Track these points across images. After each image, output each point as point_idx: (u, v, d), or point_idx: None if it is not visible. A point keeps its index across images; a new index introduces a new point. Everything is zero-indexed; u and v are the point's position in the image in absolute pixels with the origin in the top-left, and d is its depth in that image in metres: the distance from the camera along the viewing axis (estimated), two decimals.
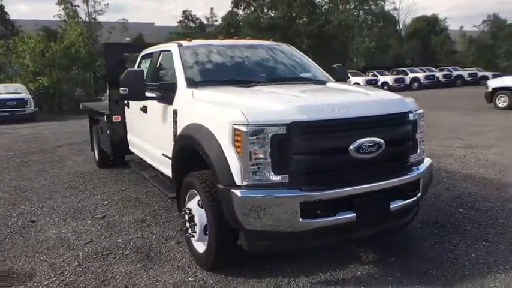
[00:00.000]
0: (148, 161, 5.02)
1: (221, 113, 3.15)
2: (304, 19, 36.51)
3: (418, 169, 3.45)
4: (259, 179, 2.94)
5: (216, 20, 41.53)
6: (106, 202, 5.45)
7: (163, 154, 4.34)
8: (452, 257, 3.55)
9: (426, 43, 49.86)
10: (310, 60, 4.97)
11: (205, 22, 41.30)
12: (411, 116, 3.43)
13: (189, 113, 3.64)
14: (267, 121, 2.92)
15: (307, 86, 4.17)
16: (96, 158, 7.74)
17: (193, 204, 3.49)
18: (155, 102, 4.33)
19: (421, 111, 3.59)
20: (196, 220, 3.40)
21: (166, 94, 4.09)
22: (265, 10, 37.46)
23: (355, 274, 3.33)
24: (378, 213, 3.20)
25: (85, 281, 3.34)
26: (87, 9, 34.22)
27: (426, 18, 51.79)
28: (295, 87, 3.97)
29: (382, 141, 3.10)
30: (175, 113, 3.91)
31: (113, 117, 6.05)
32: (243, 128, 2.90)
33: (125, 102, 5.78)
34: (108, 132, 6.35)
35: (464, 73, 37.68)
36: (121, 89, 4.15)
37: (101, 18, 35.01)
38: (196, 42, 4.65)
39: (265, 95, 3.54)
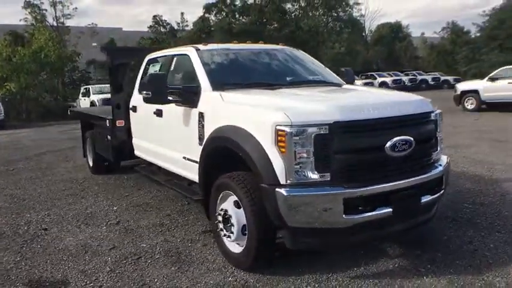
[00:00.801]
0: (163, 165, 5.00)
1: (262, 114, 3.22)
2: (276, 25, 36.95)
3: (441, 165, 3.65)
4: (302, 177, 3.03)
5: (187, 25, 41.34)
6: (115, 208, 5.39)
7: (184, 157, 4.36)
8: (472, 248, 3.76)
9: (390, 49, 51.55)
10: (320, 63, 5.12)
11: (175, 27, 40.98)
12: (433, 116, 3.63)
13: (220, 115, 3.69)
14: (310, 121, 3.02)
15: (327, 88, 4.31)
16: (91, 164, 7.59)
17: (228, 205, 3.54)
18: (172, 105, 4.34)
19: (440, 111, 3.79)
20: (233, 221, 3.45)
21: (189, 97, 4.11)
22: (237, 16, 37.64)
23: (387, 268, 3.47)
24: (411, 208, 3.36)
25: (124, 286, 3.32)
26: (55, 13, 33.30)
27: (390, 25, 53.61)
28: (317, 89, 4.11)
29: (412, 139, 3.27)
30: (201, 115, 3.95)
31: (117, 121, 5.98)
32: (287, 129, 3.00)
33: (131, 106, 5.74)
34: (109, 137, 6.27)
35: (428, 77, 39.25)
36: (144, 92, 4.15)
37: (68, 23, 34.14)
38: (212, 46, 4.69)
39: (299, 96, 3.65)
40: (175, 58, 4.90)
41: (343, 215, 3.03)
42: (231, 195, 3.54)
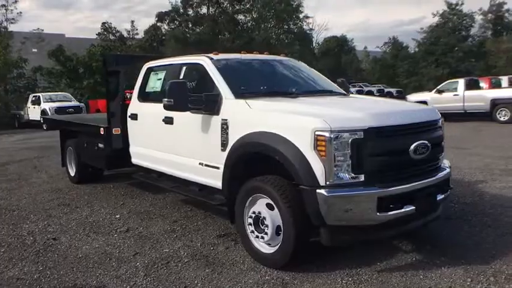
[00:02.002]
0: (171, 171, 5.04)
1: (300, 121, 3.44)
2: (229, 36, 37.34)
3: (447, 167, 4.05)
4: (340, 179, 3.29)
5: (137, 33, 40.67)
6: (118, 216, 5.34)
7: (201, 163, 4.46)
8: (474, 241, 4.17)
9: (337, 61, 53.67)
10: (319, 73, 5.43)
11: (125, 35, 40.14)
12: (440, 123, 4.04)
13: (248, 122, 3.85)
14: (347, 127, 3.29)
15: (338, 97, 4.63)
16: (72, 173, 7.40)
17: (260, 208, 3.71)
18: (186, 113, 4.44)
19: (442, 118, 4.21)
20: (268, 222, 3.62)
21: (210, 105, 4.24)
22: (190, 25, 37.61)
23: (406, 261, 3.79)
24: (429, 205, 3.73)
25: None
26: None
27: (336, 38, 55.89)
28: (331, 99, 4.40)
29: (428, 143, 3.64)
30: (224, 123, 4.09)
31: (113, 129, 5.93)
32: (327, 134, 3.24)
33: (129, 114, 5.73)
34: (102, 145, 6.19)
35: (373, 89, 41.29)
36: (165, 100, 4.22)
37: (12, 28, 32.44)
38: (223, 55, 4.85)
39: (327, 105, 3.91)
40: (184, 67, 5.00)
41: (377, 213, 3.31)
42: (262, 197, 3.71)
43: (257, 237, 3.76)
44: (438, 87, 18.61)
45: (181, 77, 4.99)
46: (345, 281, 3.44)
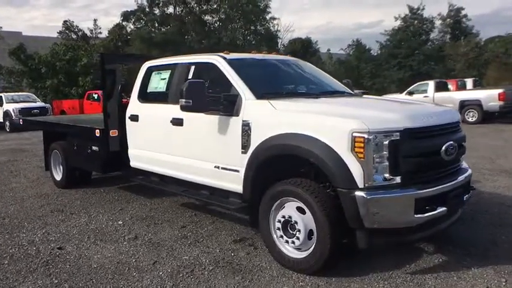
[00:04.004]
0: (179, 175, 4.83)
1: (335, 122, 3.37)
2: (196, 36, 36.89)
3: (468, 168, 4.10)
4: (378, 181, 3.24)
5: (101, 32, 39.46)
6: (120, 222, 5.08)
7: (216, 166, 4.30)
8: (491, 241, 4.23)
9: None
10: (327, 74, 5.40)
11: (88, 34, 38.86)
12: (460, 123, 4.09)
13: (274, 124, 3.73)
14: (385, 128, 3.25)
15: (353, 98, 4.60)
16: (58, 178, 7.01)
17: (290, 212, 3.61)
18: (199, 114, 4.29)
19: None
20: (300, 226, 3.53)
21: (228, 106, 4.10)
22: (156, 25, 36.88)
23: (434, 263, 3.79)
24: (458, 205, 3.75)
25: None
26: None
27: (301, 40, 56.53)
28: (352, 100, 4.37)
29: (455, 144, 3.66)
30: (246, 124, 3.96)
31: (111, 131, 5.64)
32: (365, 135, 3.19)
33: (129, 115, 5.47)
34: (97, 148, 5.88)
35: None
36: (183, 100, 4.04)
37: None
38: (235, 55, 4.70)
39: (358, 105, 3.87)
40: (193, 67, 4.81)
41: (414, 215, 3.29)
42: (291, 201, 3.61)
43: (286, 242, 3.65)
44: (409, 89, 19.14)
45: (190, 77, 4.79)
46: (381, 284, 3.39)
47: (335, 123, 3.37)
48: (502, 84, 26.07)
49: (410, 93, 18.74)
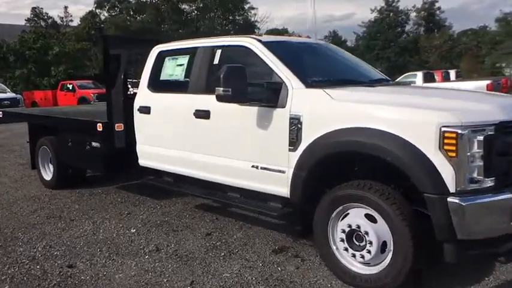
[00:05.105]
0: (203, 176, 4.20)
1: (419, 115, 2.83)
2: (173, 25, 35.74)
3: None
4: (472, 184, 2.73)
5: (72, 20, 37.70)
6: (133, 230, 4.42)
7: (254, 166, 3.71)
8: None
9: None
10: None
11: (58, 22, 37.03)
12: None
13: (333, 117, 3.16)
14: (479, 122, 2.74)
15: (414, 87, 4.11)
16: (47, 177, 6.24)
17: (357, 220, 3.06)
18: (231, 105, 3.66)
19: None
20: (372, 237, 2.98)
21: (271, 96, 3.50)
22: (132, 13, 35.46)
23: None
24: None
25: None
26: None
27: (278, 31, 56.02)
28: (415, 89, 3.89)
29: None
30: (295, 117, 3.37)
31: (116, 125, 4.93)
32: (458, 130, 2.67)
33: (138, 107, 4.78)
34: (98, 144, 5.16)
35: None
36: (221, 89, 3.41)
37: None
38: (270, 37, 4.10)
39: (436, 95, 3.34)
40: (219, 51, 4.16)
41: (511, 222, 2.81)
42: (357, 207, 3.07)
43: (353, 255, 3.11)
44: (397, 80, 18.93)
45: (215, 62, 4.16)
46: None
47: (418, 116, 2.83)
48: (472, 76, 26.54)
49: (399, 84, 18.55)
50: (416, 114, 2.85)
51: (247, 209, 4.00)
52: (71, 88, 21.97)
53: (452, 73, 22.47)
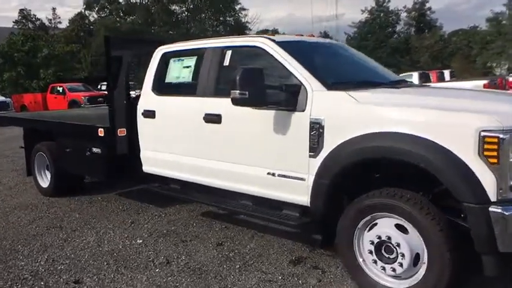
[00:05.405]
0: (213, 183, 3.98)
1: (456, 118, 2.65)
2: (164, 26, 35.39)
3: None
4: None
5: (60, 22, 37.15)
6: (140, 241, 4.19)
7: (270, 173, 3.50)
8: None
9: None
10: None
11: (47, 23, 36.47)
12: None
13: (359, 121, 2.97)
14: None
15: (432, 89, 3.92)
16: (44, 185, 5.97)
17: (387, 231, 2.87)
18: (245, 108, 3.45)
19: None
20: (404, 249, 2.80)
21: (290, 99, 3.30)
22: (122, 14, 35.03)
23: None
24: None
25: None
26: None
27: (268, 31, 55.93)
28: (442, 91, 3.72)
29: None
30: (316, 121, 3.17)
31: (118, 130, 4.69)
32: (500, 135, 2.50)
33: (142, 111, 4.55)
34: (99, 150, 4.92)
35: None
36: (237, 92, 3.20)
37: None
38: (283, 37, 3.90)
39: (467, 97, 3.16)
40: (229, 51, 3.94)
41: None
42: (386, 217, 2.89)
43: (383, 268, 2.92)
44: None
45: (225, 64, 3.95)
46: None
47: (454, 119, 2.66)
48: (464, 76, 26.63)
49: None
50: (453, 117, 2.67)
51: (259, 217, 3.79)
52: (61, 91, 21.53)
53: (446, 73, 22.48)
